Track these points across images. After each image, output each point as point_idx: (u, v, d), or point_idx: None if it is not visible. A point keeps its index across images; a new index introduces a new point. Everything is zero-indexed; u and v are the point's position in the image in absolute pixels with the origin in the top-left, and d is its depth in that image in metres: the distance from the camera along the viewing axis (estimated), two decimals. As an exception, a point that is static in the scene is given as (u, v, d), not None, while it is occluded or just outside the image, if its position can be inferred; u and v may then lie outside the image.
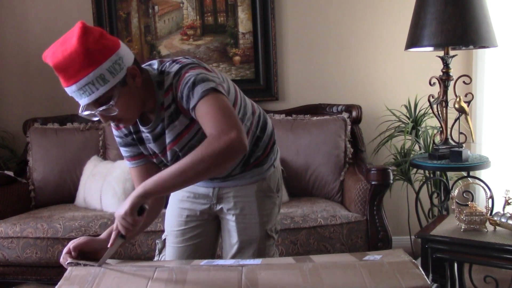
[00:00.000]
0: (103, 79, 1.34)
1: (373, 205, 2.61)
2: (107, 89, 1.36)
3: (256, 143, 1.67)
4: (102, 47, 1.35)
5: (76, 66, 1.32)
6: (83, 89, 1.34)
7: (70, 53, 1.32)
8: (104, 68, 1.34)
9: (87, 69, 1.33)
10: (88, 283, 1.33)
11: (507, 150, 2.98)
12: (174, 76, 1.44)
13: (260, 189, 1.72)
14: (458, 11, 2.53)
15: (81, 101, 1.38)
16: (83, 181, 3.04)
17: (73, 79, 1.34)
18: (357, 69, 3.36)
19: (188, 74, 1.42)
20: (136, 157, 1.63)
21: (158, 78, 1.48)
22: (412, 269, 1.30)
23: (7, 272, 2.69)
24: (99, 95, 1.36)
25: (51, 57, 1.35)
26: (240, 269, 1.36)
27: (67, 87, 1.36)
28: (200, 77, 1.41)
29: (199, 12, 3.36)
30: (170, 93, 1.45)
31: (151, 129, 1.53)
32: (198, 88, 1.39)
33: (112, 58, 1.36)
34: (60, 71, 1.34)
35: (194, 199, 1.75)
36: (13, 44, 3.50)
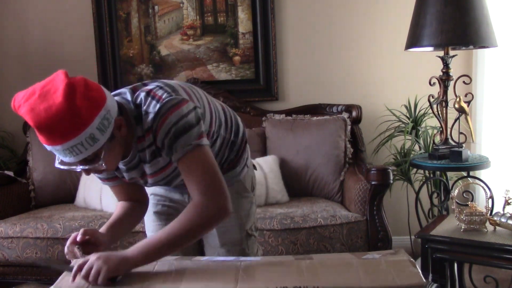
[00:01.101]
0: (92, 139, 1.25)
1: (373, 205, 2.61)
2: (96, 149, 1.28)
3: (231, 148, 1.67)
4: (90, 104, 1.24)
5: (63, 128, 1.21)
6: (70, 150, 1.24)
7: (55, 113, 1.19)
8: (94, 127, 1.25)
9: (76, 130, 1.22)
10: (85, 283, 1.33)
11: (507, 150, 2.98)
12: (154, 118, 1.36)
13: (236, 191, 1.71)
14: (458, 11, 2.53)
15: (64, 159, 1.29)
16: (83, 181, 3.04)
17: (59, 140, 1.22)
18: (357, 69, 3.36)
19: (167, 121, 1.35)
20: (112, 179, 1.59)
21: (135, 112, 1.40)
22: (409, 268, 1.31)
23: (7, 272, 2.69)
24: (88, 154, 1.27)
25: (30, 114, 1.21)
26: (238, 264, 1.38)
27: (49, 145, 1.25)
28: (181, 127, 1.36)
29: (199, 12, 3.36)
30: (150, 135, 1.39)
31: (127, 163, 1.48)
32: (179, 141, 1.36)
33: (101, 114, 1.26)
34: (43, 132, 1.22)
35: (170, 203, 1.75)
36: (13, 44, 3.50)
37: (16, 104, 1.27)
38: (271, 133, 3.15)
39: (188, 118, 1.37)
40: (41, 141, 1.26)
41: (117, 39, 3.39)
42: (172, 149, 1.38)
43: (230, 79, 3.39)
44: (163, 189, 1.75)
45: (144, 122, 1.38)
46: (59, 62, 3.46)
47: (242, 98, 3.33)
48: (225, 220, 1.41)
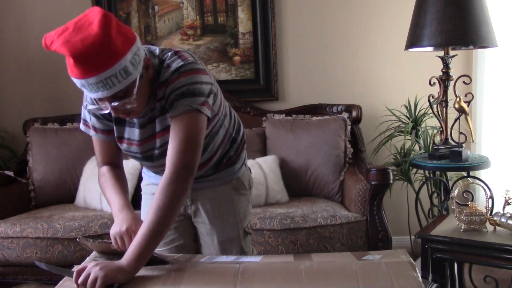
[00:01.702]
0: (125, 71, 1.27)
1: (373, 205, 2.61)
2: (129, 82, 1.30)
3: (231, 144, 1.68)
4: (123, 37, 1.28)
5: (99, 58, 1.23)
6: (103, 82, 1.26)
7: (92, 42, 1.22)
8: (127, 60, 1.27)
9: (111, 60, 1.24)
10: None
11: (507, 150, 2.98)
12: (173, 72, 1.41)
13: (235, 188, 1.72)
14: (458, 11, 2.53)
15: (96, 94, 1.29)
16: (83, 181, 3.04)
17: (94, 71, 1.24)
18: (357, 69, 3.36)
19: (183, 78, 1.40)
20: (111, 132, 1.56)
21: (157, 67, 1.44)
22: (409, 271, 1.30)
23: (7, 272, 2.69)
24: (120, 88, 1.29)
25: (65, 46, 1.23)
26: (237, 266, 1.37)
27: (83, 78, 1.26)
28: (192, 89, 1.39)
29: (199, 12, 3.36)
30: (164, 88, 1.42)
31: (141, 116, 1.49)
32: (184, 101, 1.39)
33: (132, 49, 1.29)
34: (79, 62, 1.24)
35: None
36: (13, 44, 3.50)
37: (47, 42, 1.28)
38: (271, 133, 3.15)
39: (202, 86, 1.42)
40: (75, 74, 1.26)
41: (117, 39, 3.38)
42: (173, 105, 1.40)
43: (230, 79, 3.39)
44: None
45: (162, 75, 1.42)
46: (59, 62, 3.45)
47: (242, 98, 3.33)
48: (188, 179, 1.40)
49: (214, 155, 1.63)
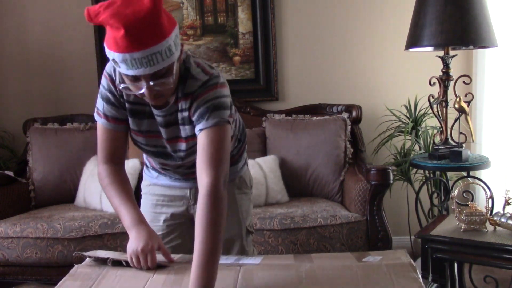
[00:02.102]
0: (170, 50, 1.28)
1: (373, 205, 2.61)
2: (171, 62, 1.30)
3: (236, 145, 1.70)
4: (169, 18, 1.29)
5: (149, 32, 1.23)
6: (148, 58, 1.25)
7: (144, 16, 1.21)
8: (172, 39, 1.28)
9: (159, 37, 1.25)
10: (90, 280, 1.34)
11: (507, 150, 2.98)
12: (201, 85, 1.42)
13: (238, 186, 1.73)
14: (458, 11, 2.53)
15: (137, 71, 1.27)
16: (83, 181, 3.04)
17: (142, 45, 1.23)
18: (357, 69, 3.36)
19: (211, 93, 1.42)
20: (122, 122, 1.52)
21: (182, 72, 1.43)
22: (409, 273, 1.30)
23: (7, 272, 2.69)
24: (163, 66, 1.28)
25: (115, 18, 1.21)
26: (238, 268, 1.37)
27: (128, 52, 1.24)
28: (221, 103, 1.42)
29: (199, 12, 3.36)
30: (189, 99, 1.43)
31: (164, 114, 1.48)
32: (216, 113, 1.41)
33: (175, 30, 1.31)
34: (129, 35, 1.21)
35: (170, 202, 1.74)
36: (13, 44, 3.50)
37: (91, 14, 1.25)
38: (271, 133, 3.15)
39: (228, 99, 1.47)
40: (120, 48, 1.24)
41: (117, 39, 3.38)
42: (204, 117, 1.41)
43: (230, 79, 3.39)
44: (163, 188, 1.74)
45: (188, 86, 1.43)
46: (59, 62, 3.47)
47: (242, 98, 3.33)
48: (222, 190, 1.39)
49: None
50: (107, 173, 1.54)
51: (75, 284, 1.32)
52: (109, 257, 1.45)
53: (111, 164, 1.55)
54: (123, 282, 1.34)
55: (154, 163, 1.70)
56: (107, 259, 1.44)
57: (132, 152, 3.08)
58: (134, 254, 1.41)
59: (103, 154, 1.55)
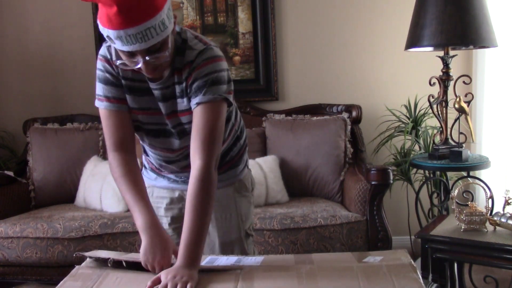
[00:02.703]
0: (163, 24, 1.28)
1: (373, 205, 2.61)
2: (165, 35, 1.30)
3: (235, 142, 1.68)
4: None
5: (142, 8, 1.23)
6: (142, 33, 1.25)
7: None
8: (164, 13, 1.28)
9: (152, 12, 1.25)
10: (91, 281, 1.34)
11: (507, 150, 2.98)
12: (198, 55, 1.42)
13: (237, 190, 1.72)
14: (458, 11, 2.53)
15: (132, 46, 1.27)
16: (83, 181, 3.04)
17: (136, 21, 1.24)
18: (357, 69, 3.36)
19: (211, 65, 1.42)
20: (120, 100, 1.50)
21: (179, 42, 1.44)
22: (409, 273, 1.30)
23: (7, 272, 2.69)
24: (158, 40, 1.29)
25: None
26: (238, 271, 1.37)
27: (123, 29, 1.24)
28: (219, 77, 1.43)
29: (199, 12, 3.36)
30: (187, 69, 1.43)
31: (161, 86, 1.47)
32: (213, 88, 1.41)
33: (167, 4, 1.31)
34: (122, 11, 1.22)
35: (171, 205, 1.73)
36: (13, 44, 3.50)
37: None
38: (271, 133, 3.15)
39: (227, 74, 1.47)
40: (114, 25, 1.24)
41: (117, 39, 3.38)
42: (201, 91, 1.41)
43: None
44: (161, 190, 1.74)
45: (187, 55, 1.42)
46: (59, 62, 3.47)
47: (242, 98, 3.33)
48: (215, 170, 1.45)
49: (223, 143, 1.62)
50: (118, 163, 1.51)
51: (76, 284, 1.32)
52: (110, 258, 1.44)
53: (121, 152, 1.51)
54: (124, 284, 1.33)
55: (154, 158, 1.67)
56: (107, 260, 1.44)
57: (132, 152, 3.08)
58: (150, 265, 1.39)
59: (111, 141, 1.52)
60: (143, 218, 1.45)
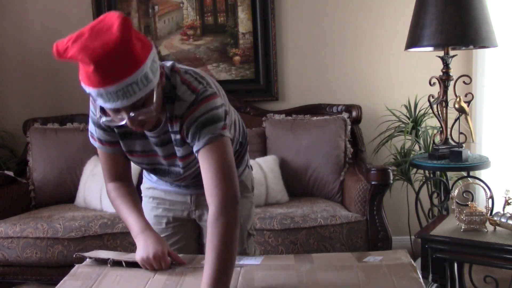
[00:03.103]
0: (146, 79, 1.21)
1: (373, 205, 2.61)
2: (149, 90, 1.24)
3: (238, 148, 1.67)
4: (142, 43, 1.23)
5: (121, 64, 1.17)
6: (124, 90, 1.19)
7: (113, 48, 1.15)
8: (147, 67, 1.22)
9: (132, 67, 1.18)
10: (91, 280, 1.34)
11: (507, 150, 2.98)
12: (188, 107, 1.36)
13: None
14: (458, 11, 2.53)
15: (114, 104, 1.21)
16: (83, 181, 3.04)
17: (115, 79, 1.17)
18: (357, 69, 3.36)
19: (198, 109, 1.35)
20: (115, 144, 1.49)
21: (169, 91, 1.38)
22: (409, 273, 1.30)
23: (7, 272, 2.69)
24: (141, 96, 1.22)
25: (83, 53, 1.15)
26: (238, 269, 1.37)
27: (102, 87, 1.18)
28: (210, 117, 1.36)
29: (199, 12, 3.36)
30: (178, 122, 1.38)
31: (157, 134, 1.44)
32: (205, 131, 1.35)
33: (151, 55, 1.24)
34: (100, 69, 1.16)
35: (170, 206, 1.73)
36: (13, 44, 3.50)
37: (60, 49, 1.20)
38: (271, 133, 3.15)
39: (218, 111, 1.38)
40: (93, 83, 1.18)
41: (117, 39, 3.38)
42: (196, 137, 1.36)
43: (230, 79, 3.39)
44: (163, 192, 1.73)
45: (176, 108, 1.37)
46: (59, 62, 3.45)
47: (242, 98, 3.33)
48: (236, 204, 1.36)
49: None
50: (113, 188, 1.55)
51: (76, 283, 1.32)
52: (110, 258, 1.45)
53: (116, 182, 1.56)
54: (124, 282, 1.34)
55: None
56: (107, 260, 1.44)
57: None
58: (146, 262, 1.40)
59: (107, 174, 1.56)
60: (136, 224, 1.47)
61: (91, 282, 1.34)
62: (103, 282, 1.34)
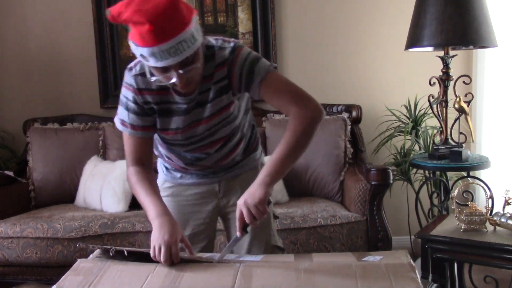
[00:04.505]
0: (193, 37, 1.33)
1: (373, 205, 2.61)
2: (196, 48, 1.35)
3: (252, 130, 1.77)
4: (187, 7, 1.34)
5: (173, 23, 1.28)
6: (175, 48, 1.30)
7: (164, 9, 1.26)
8: (193, 26, 1.34)
9: (182, 26, 1.30)
10: (92, 275, 1.35)
11: (507, 150, 2.98)
12: (230, 52, 1.49)
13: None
14: (458, 11, 2.53)
15: (166, 61, 1.32)
16: (83, 181, 3.04)
17: (168, 36, 1.28)
18: (357, 69, 3.36)
19: (244, 51, 1.50)
20: (149, 128, 1.58)
21: (206, 51, 1.49)
22: (408, 273, 1.30)
23: (7, 272, 2.69)
24: (190, 53, 1.33)
25: (138, 14, 1.26)
26: (237, 265, 1.38)
27: (156, 45, 1.29)
28: (255, 56, 1.51)
29: (199, 12, 3.36)
30: (225, 67, 1.50)
31: (189, 100, 1.53)
32: (260, 65, 1.49)
33: (195, 17, 1.36)
34: (155, 28, 1.26)
35: (200, 199, 1.74)
36: (13, 44, 3.49)
37: (114, 14, 1.30)
38: (271, 133, 3.15)
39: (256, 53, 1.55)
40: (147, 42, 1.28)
41: (117, 39, 3.38)
42: (254, 72, 1.49)
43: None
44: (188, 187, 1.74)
45: (218, 57, 1.50)
46: (59, 62, 3.47)
47: (242, 98, 3.33)
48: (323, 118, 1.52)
49: (243, 137, 1.70)
50: (134, 172, 1.59)
51: (77, 279, 1.33)
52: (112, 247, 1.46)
53: (138, 166, 1.61)
54: (125, 277, 1.35)
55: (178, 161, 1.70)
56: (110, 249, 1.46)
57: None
58: (158, 244, 1.42)
59: (130, 158, 1.61)
60: (154, 208, 1.51)
61: (93, 277, 1.34)
62: (104, 277, 1.34)
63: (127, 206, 2.85)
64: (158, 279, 1.33)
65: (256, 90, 1.52)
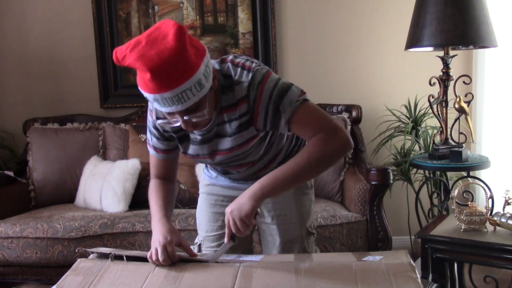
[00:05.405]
0: (199, 84, 1.27)
1: (373, 205, 2.61)
2: (203, 95, 1.29)
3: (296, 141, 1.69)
4: (195, 49, 1.27)
5: (176, 72, 1.22)
6: (179, 96, 1.25)
7: (169, 56, 1.21)
8: (200, 73, 1.26)
9: (187, 74, 1.23)
10: (92, 275, 1.35)
11: (507, 150, 2.98)
12: (249, 86, 1.39)
13: (298, 188, 1.69)
14: (458, 11, 2.53)
15: (169, 108, 1.28)
16: (83, 181, 3.04)
17: (170, 86, 1.23)
18: (357, 69, 3.36)
19: (266, 86, 1.39)
20: (171, 151, 1.59)
21: (223, 81, 1.41)
22: (408, 272, 1.30)
23: (7, 272, 2.69)
24: (195, 101, 1.28)
25: (141, 60, 1.21)
26: (237, 265, 1.38)
27: (158, 93, 1.24)
28: (282, 88, 1.40)
29: (199, 12, 3.36)
30: (245, 103, 1.40)
31: (205, 132, 1.48)
32: (286, 101, 1.38)
33: (204, 61, 1.29)
34: (156, 77, 1.22)
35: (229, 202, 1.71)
36: (13, 44, 3.50)
37: (119, 57, 1.26)
38: (271, 133, 3.14)
39: (283, 81, 1.43)
40: (149, 90, 1.25)
41: (117, 39, 3.39)
42: (280, 111, 1.39)
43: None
44: (221, 188, 1.74)
45: (237, 92, 1.40)
46: (59, 62, 3.47)
47: (242, 98, 3.33)
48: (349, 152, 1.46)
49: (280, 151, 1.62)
50: (154, 183, 1.62)
51: (77, 279, 1.33)
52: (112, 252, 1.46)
53: (160, 179, 1.63)
54: (125, 277, 1.35)
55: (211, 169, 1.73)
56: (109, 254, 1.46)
57: (132, 152, 3.08)
58: (154, 248, 1.43)
59: (153, 173, 1.64)
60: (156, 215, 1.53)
61: (92, 277, 1.34)
62: (104, 277, 1.34)
63: (127, 206, 2.85)
64: (158, 279, 1.33)
65: (284, 129, 1.42)
